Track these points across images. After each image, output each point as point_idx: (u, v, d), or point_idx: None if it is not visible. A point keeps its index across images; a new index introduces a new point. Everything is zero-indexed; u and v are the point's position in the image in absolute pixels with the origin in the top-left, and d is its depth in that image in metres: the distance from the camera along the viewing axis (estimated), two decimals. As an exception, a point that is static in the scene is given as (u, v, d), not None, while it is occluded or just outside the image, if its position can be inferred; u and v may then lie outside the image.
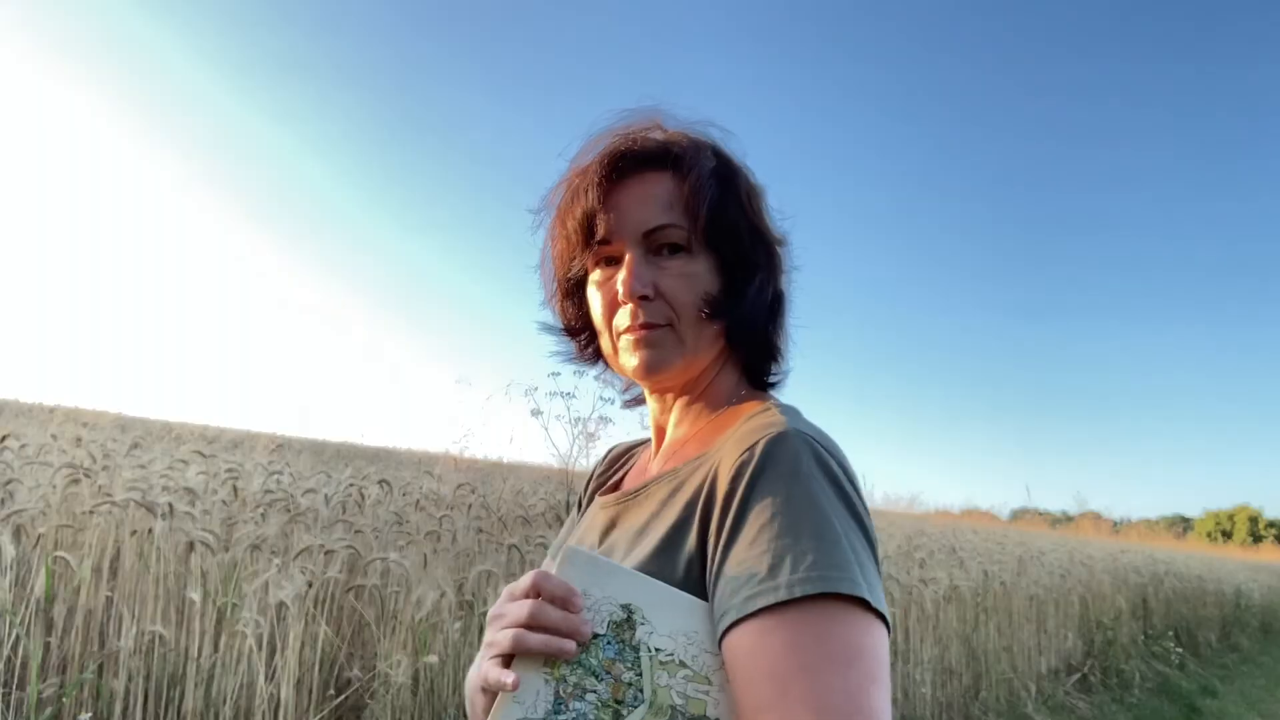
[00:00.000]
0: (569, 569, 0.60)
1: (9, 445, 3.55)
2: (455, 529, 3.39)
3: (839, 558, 0.53)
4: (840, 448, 0.63)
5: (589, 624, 0.58)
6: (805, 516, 0.55)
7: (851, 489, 0.59)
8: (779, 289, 0.73)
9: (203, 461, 3.84)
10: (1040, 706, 5.05)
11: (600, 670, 0.59)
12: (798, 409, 0.67)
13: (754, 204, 0.72)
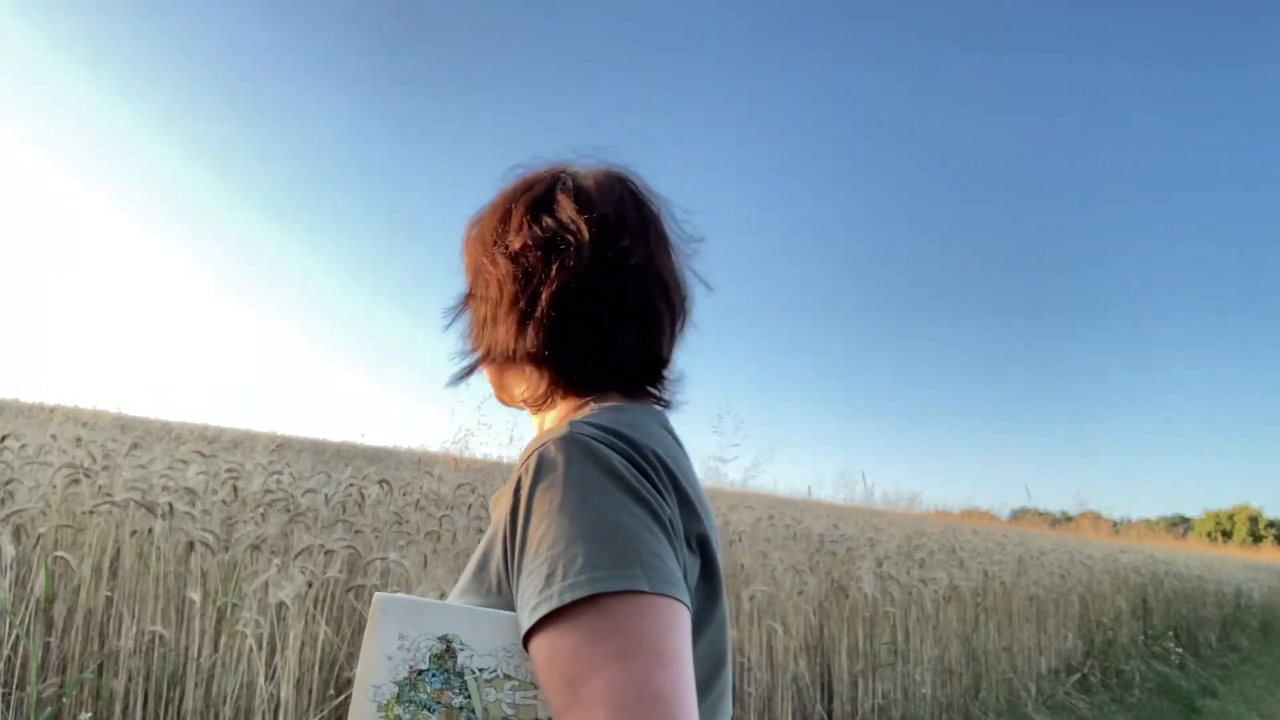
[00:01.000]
0: (382, 617, 0.64)
1: (9, 445, 3.55)
2: (455, 529, 3.39)
3: (608, 554, 0.55)
4: (639, 435, 0.65)
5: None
6: (575, 519, 0.57)
7: (634, 474, 0.61)
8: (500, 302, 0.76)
9: (203, 461, 3.84)
10: (1040, 706, 5.05)
11: (431, 702, 0.62)
12: (618, 407, 0.72)
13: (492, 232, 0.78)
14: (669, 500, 0.63)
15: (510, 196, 0.79)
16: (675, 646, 0.54)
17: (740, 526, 4.82)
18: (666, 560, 0.58)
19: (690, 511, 0.65)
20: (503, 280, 0.76)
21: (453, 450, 4.54)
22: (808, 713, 3.83)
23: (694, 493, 0.68)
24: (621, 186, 0.80)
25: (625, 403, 0.75)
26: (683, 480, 0.67)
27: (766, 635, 3.67)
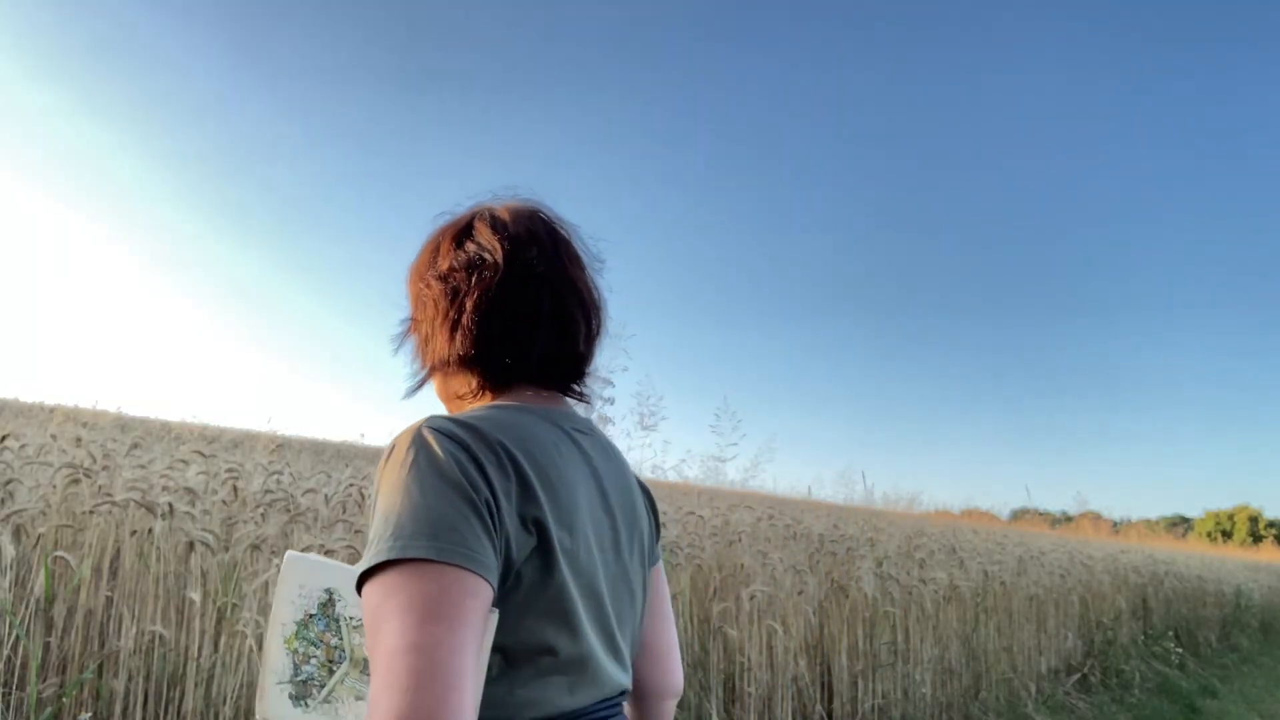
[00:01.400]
0: (288, 570, 0.84)
1: (9, 445, 3.55)
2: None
3: (410, 528, 0.67)
4: (490, 428, 0.77)
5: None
6: (391, 499, 0.70)
7: (456, 463, 0.72)
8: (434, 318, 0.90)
9: (203, 461, 3.84)
10: (1040, 706, 5.05)
11: (317, 640, 0.84)
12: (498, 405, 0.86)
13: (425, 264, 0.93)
14: (500, 485, 0.73)
15: (439, 233, 0.95)
16: (450, 606, 0.64)
17: (740, 526, 4.82)
18: (465, 535, 0.68)
19: (529, 496, 0.75)
20: (436, 299, 0.90)
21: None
22: (808, 713, 3.83)
23: (543, 481, 0.78)
24: (533, 213, 0.95)
25: (516, 400, 0.88)
26: (529, 469, 0.77)
27: (766, 635, 3.67)
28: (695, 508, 5.03)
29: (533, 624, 0.76)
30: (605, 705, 0.84)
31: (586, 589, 0.81)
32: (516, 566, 0.74)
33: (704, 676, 3.54)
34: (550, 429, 0.85)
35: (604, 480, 0.90)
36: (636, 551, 0.93)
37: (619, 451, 0.99)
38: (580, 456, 0.87)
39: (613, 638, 0.86)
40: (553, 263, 0.91)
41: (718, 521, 4.85)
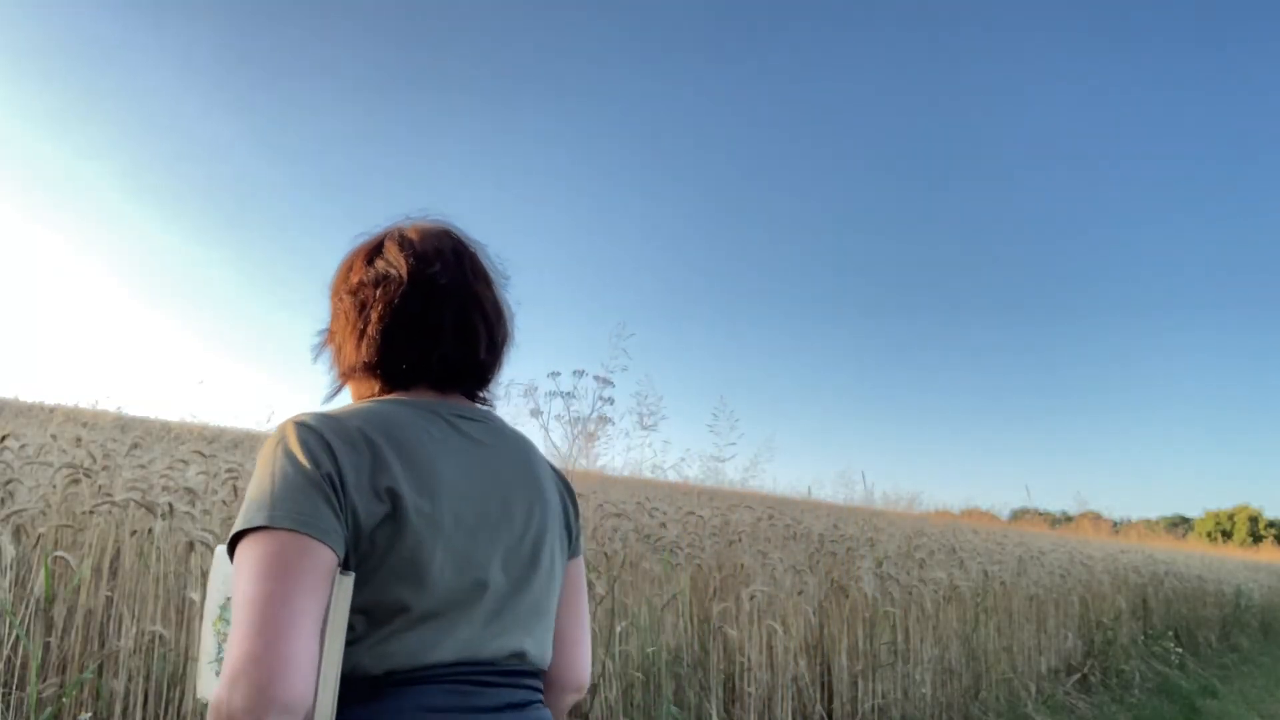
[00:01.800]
0: (216, 561, 0.95)
1: (9, 445, 3.55)
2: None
3: (258, 503, 0.80)
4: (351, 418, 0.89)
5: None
6: (253, 482, 0.84)
7: (307, 448, 0.84)
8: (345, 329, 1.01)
9: (203, 461, 3.83)
10: (1040, 706, 5.05)
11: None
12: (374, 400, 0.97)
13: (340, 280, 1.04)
14: (348, 462, 0.84)
15: (353, 252, 1.05)
16: (282, 564, 0.77)
17: (740, 526, 4.82)
18: (303, 505, 0.80)
19: (383, 469, 0.86)
20: (347, 312, 1.00)
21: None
22: (808, 713, 3.83)
23: (401, 457, 0.88)
24: (440, 233, 1.05)
25: (409, 396, 0.98)
26: (386, 447, 0.88)
27: (766, 635, 3.67)
28: (695, 508, 5.04)
29: (389, 584, 0.85)
30: (485, 668, 0.90)
31: (455, 553, 0.89)
32: (368, 531, 0.84)
33: (704, 676, 3.54)
34: (426, 417, 0.95)
35: (490, 461, 0.98)
36: (547, 531, 1.00)
37: (527, 442, 1.09)
38: (460, 440, 0.96)
39: (499, 606, 0.93)
40: (456, 278, 1.01)
41: (717, 521, 4.86)
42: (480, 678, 0.90)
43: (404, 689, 0.85)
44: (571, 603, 1.08)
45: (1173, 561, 10.68)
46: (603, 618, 3.29)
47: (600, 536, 3.94)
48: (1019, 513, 15.43)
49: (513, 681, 0.94)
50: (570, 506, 1.10)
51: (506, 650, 0.93)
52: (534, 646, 0.97)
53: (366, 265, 1.02)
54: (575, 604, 1.09)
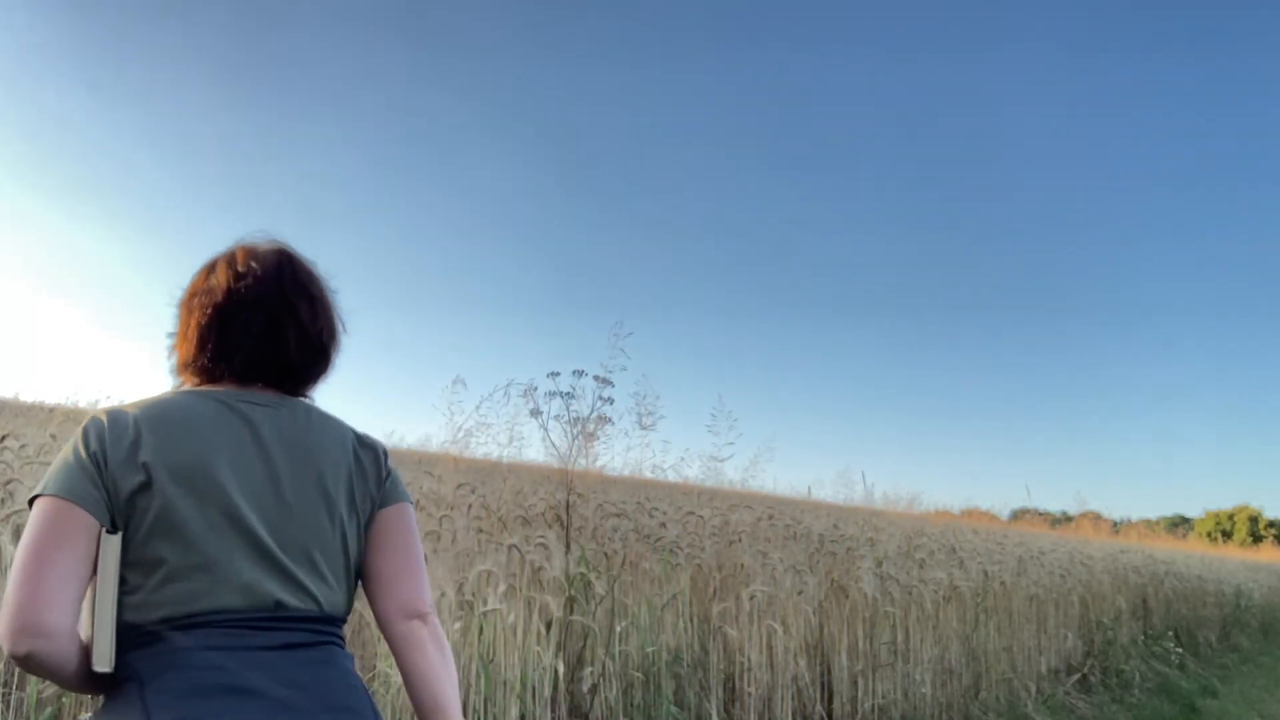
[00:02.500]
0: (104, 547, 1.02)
1: (9, 445, 3.55)
2: (455, 529, 3.39)
3: (42, 481, 1.04)
4: (131, 409, 1.10)
5: None
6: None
7: (86, 434, 1.06)
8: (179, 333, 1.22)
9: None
10: (1040, 706, 5.05)
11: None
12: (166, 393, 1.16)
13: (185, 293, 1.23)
14: (111, 443, 1.05)
15: (197, 271, 1.24)
16: (46, 524, 0.99)
17: (740, 526, 4.82)
18: (69, 479, 1.02)
19: (141, 447, 1.05)
20: (183, 320, 1.21)
21: (453, 450, 4.53)
22: (808, 713, 3.83)
23: (161, 436, 1.07)
24: (267, 252, 1.24)
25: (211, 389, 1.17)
26: (148, 429, 1.07)
27: (766, 635, 3.67)
28: (695, 508, 5.04)
29: (150, 541, 1.03)
30: (259, 613, 1.05)
31: (215, 512, 1.06)
32: (127, 497, 1.03)
33: (704, 676, 3.54)
34: (206, 403, 1.14)
35: (264, 436, 1.14)
36: (326, 492, 1.15)
37: (322, 419, 1.24)
38: (236, 420, 1.14)
39: (272, 558, 1.08)
40: (270, 291, 1.20)
41: (718, 521, 4.86)
42: (255, 622, 1.04)
43: (185, 632, 1.01)
44: (391, 544, 1.22)
45: (1173, 561, 10.68)
46: (603, 618, 3.29)
47: (600, 536, 3.94)
48: (1019, 513, 15.41)
49: (291, 625, 1.07)
50: (372, 468, 1.23)
51: (274, 600, 1.06)
52: (313, 593, 1.11)
53: (203, 280, 1.23)
54: (394, 545, 1.22)
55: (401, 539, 1.24)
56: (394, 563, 1.21)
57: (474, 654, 2.68)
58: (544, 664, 2.85)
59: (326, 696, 1.07)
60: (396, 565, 1.21)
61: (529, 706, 2.75)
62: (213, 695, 0.98)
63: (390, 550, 1.22)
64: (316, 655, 1.09)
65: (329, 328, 1.26)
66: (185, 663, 0.99)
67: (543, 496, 4.26)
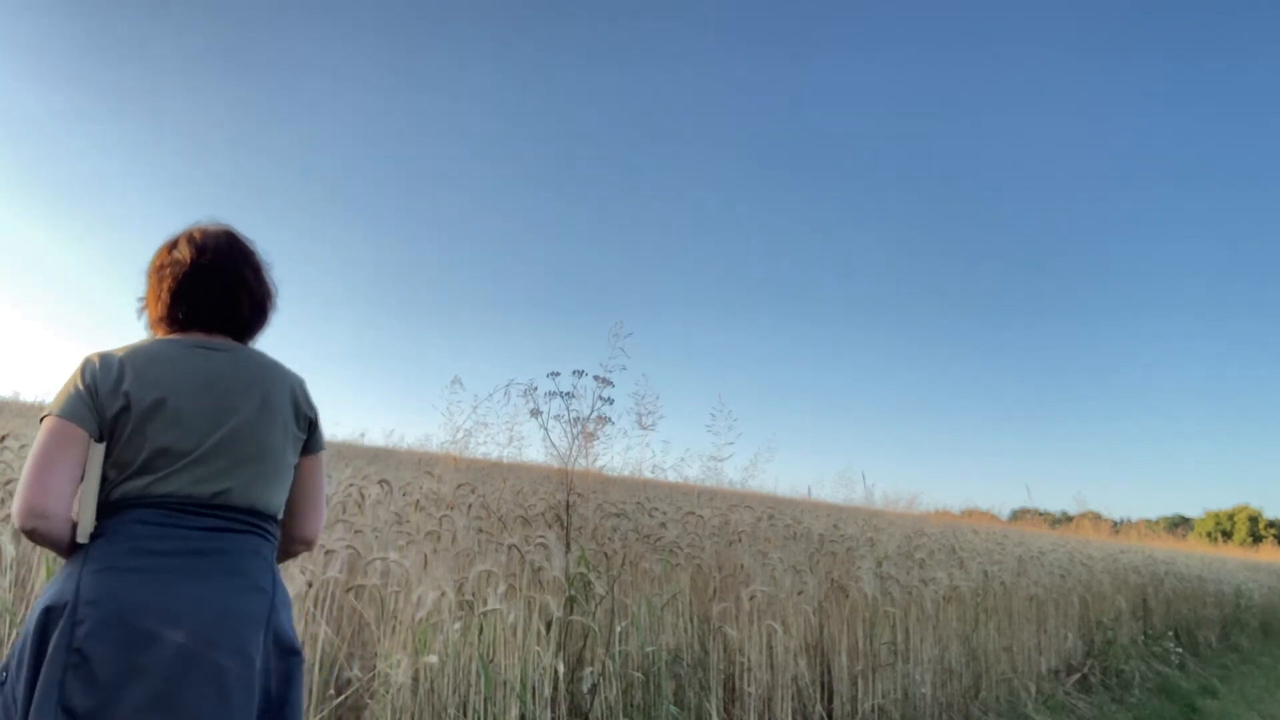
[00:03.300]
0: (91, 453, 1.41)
1: (9, 445, 3.55)
2: (455, 529, 3.39)
3: (51, 404, 1.42)
4: (121, 351, 1.47)
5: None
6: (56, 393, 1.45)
7: (85, 370, 1.44)
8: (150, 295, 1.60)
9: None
10: (1040, 706, 5.05)
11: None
12: (149, 340, 1.54)
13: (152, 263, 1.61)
14: (101, 377, 1.42)
15: (160, 246, 1.62)
16: (53, 436, 1.37)
17: (740, 526, 4.82)
18: (72, 403, 1.40)
19: (123, 379, 1.43)
20: (152, 284, 1.59)
21: (453, 450, 4.53)
22: (808, 713, 3.83)
23: (138, 372, 1.44)
24: (219, 232, 1.62)
25: (180, 337, 1.55)
26: (129, 366, 1.44)
27: (766, 635, 3.67)
28: (695, 508, 5.03)
29: (125, 448, 1.42)
30: (193, 501, 1.42)
31: (173, 428, 1.43)
32: (111, 417, 1.41)
33: (704, 676, 3.54)
34: (175, 347, 1.52)
35: (221, 375, 1.50)
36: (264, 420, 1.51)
37: (270, 362, 1.60)
38: (198, 360, 1.51)
39: (217, 461, 1.44)
40: (224, 263, 1.59)
41: (718, 521, 4.85)
42: (188, 507, 1.41)
43: (130, 509, 1.40)
44: (309, 485, 1.63)
45: (1173, 561, 10.68)
46: (603, 618, 3.29)
47: (600, 536, 3.93)
48: (1019, 513, 15.43)
49: (218, 514, 1.44)
50: (304, 412, 1.61)
51: (210, 491, 1.43)
52: (242, 493, 1.46)
53: (168, 254, 1.60)
54: (312, 486, 1.64)
55: (316, 482, 1.65)
56: (308, 501, 1.64)
57: (474, 654, 2.68)
58: (544, 664, 2.84)
59: (231, 567, 1.42)
60: (310, 503, 1.64)
61: (529, 706, 2.75)
62: (130, 549, 1.36)
63: (308, 490, 1.64)
64: (240, 537, 1.45)
65: (268, 292, 1.66)
66: (122, 528, 1.38)
67: (543, 496, 4.26)
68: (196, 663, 1.32)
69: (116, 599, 1.30)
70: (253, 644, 1.39)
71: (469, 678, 2.67)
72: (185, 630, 1.32)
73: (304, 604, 2.45)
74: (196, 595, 1.35)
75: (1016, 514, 15.48)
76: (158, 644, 1.30)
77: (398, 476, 4.71)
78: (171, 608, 1.33)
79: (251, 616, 1.40)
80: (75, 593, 1.31)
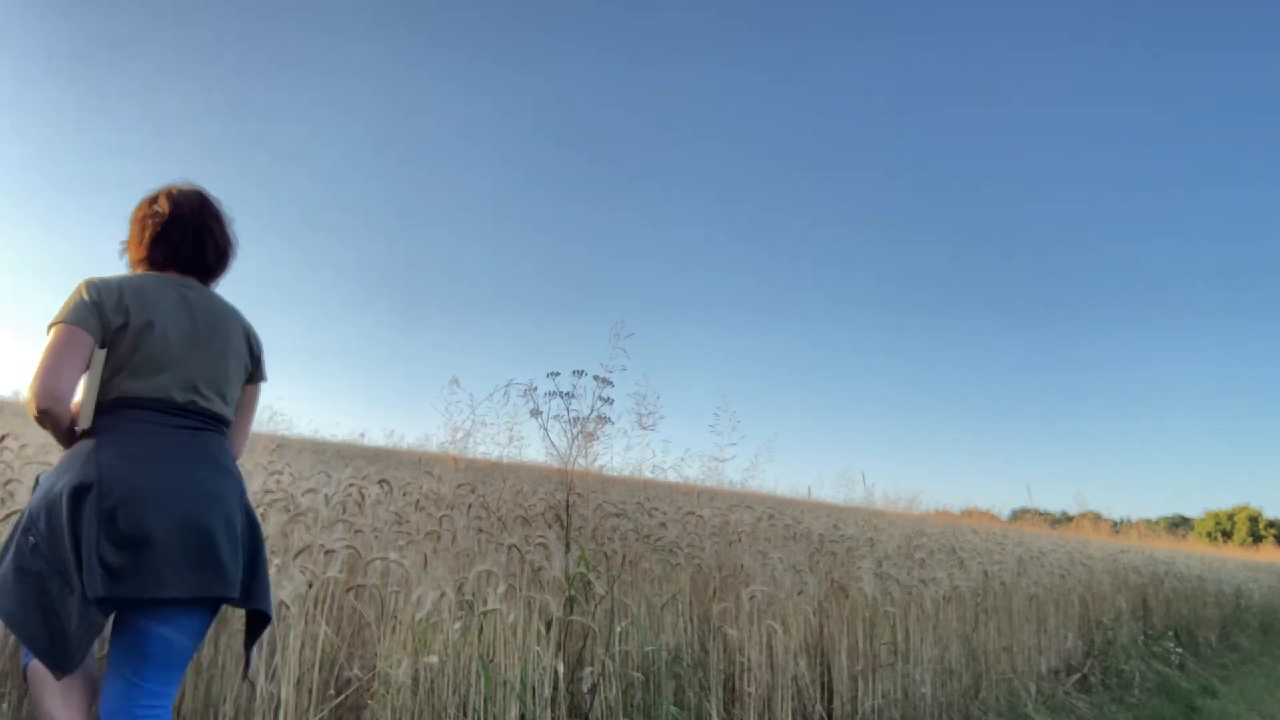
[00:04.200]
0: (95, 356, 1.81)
1: (9, 445, 3.55)
2: (455, 529, 3.39)
3: (60, 313, 1.76)
4: (117, 279, 1.85)
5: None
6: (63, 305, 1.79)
7: (88, 290, 1.79)
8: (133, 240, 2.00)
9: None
10: (1040, 706, 5.05)
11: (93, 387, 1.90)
12: (141, 274, 1.92)
13: (135, 212, 2.02)
14: (107, 297, 1.79)
15: (143, 199, 2.01)
16: (63, 337, 1.72)
17: (740, 526, 4.81)
18: (80, 313, 1.75)
19: (124, 301, 1.80)
20: (135, 230, 1.99)
21: (452, 450, 4.53)
22: (808, 713, 3.83)
23: (134, 297, 1.82)
24: (192, 191, 2.02)
25: (160, 274, 1.94)
26: (127, 291, 1.82)
27: (766, 635, 3.67)
28: (695, 508, 5.03)
29: (123, 355, 1.80)
30: (175, 404, 1.83)
31: (161, 345, 1.82)
32: (113, 330, 1.78)
33: (704, 676, 3.54)
34: (161, 282, 1.91)
35: (194, 308, 1.91)
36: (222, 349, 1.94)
37: (227, 304, 2.02)
38: (177, 295, 1.90)
39: (190, 376, 1.86)
40: (195, 216, 1.98)
41: (718, 521, 4.85)
42: (174, 409, 1.83)
43: (129, 408, 1.79)
44: (245, 408, 2.07)
45: (1173, 561, 10.67)
46: (602, 618, 3.29)
47: (600, 536, 3.93)
48: (1019, 513, 15.44)
49: (191, 416, 1.86)
50: (251, 347, 2.05)
51: (186, 399, 1.85)
52: (207, 401, 1.89)
53: (149, 206, 1.99)
54: (245, 407, 2.07)
55: (251, 406, 2.09)
56: (243, 419, 2.07)
57: (474, 654, 2.68)
58: (544, 664, 2.84)
59: (207, 456, 1.85)
60: (243, 421, 2.07)
61: (529, 706, 2.75)
62: (133, 442, 1.75)
63: (244, 411, 2.08)
64: (209, 435, 1.90)
65: (230, 242, 2.07)
66: (123, 425, 1.77)
67: (543, 496, 4.26)
68: (194, 529, 1.73)
69: (129, 481, 1.69)
70: (235, 515, 1.83)
71: (469, 678, 2.66)
72: (184, 505, 1.73)
73: (304, 604, 2.45)
74: (189, 478, 1.78)
75: (1016, 514, 15.49)
76: (165, 516, 1.70)
77: (398, 476, 4.71)
78: (173, 487, 1.74)
79: (230, 494, 1.84)
80: (98, 474, 1.66)
